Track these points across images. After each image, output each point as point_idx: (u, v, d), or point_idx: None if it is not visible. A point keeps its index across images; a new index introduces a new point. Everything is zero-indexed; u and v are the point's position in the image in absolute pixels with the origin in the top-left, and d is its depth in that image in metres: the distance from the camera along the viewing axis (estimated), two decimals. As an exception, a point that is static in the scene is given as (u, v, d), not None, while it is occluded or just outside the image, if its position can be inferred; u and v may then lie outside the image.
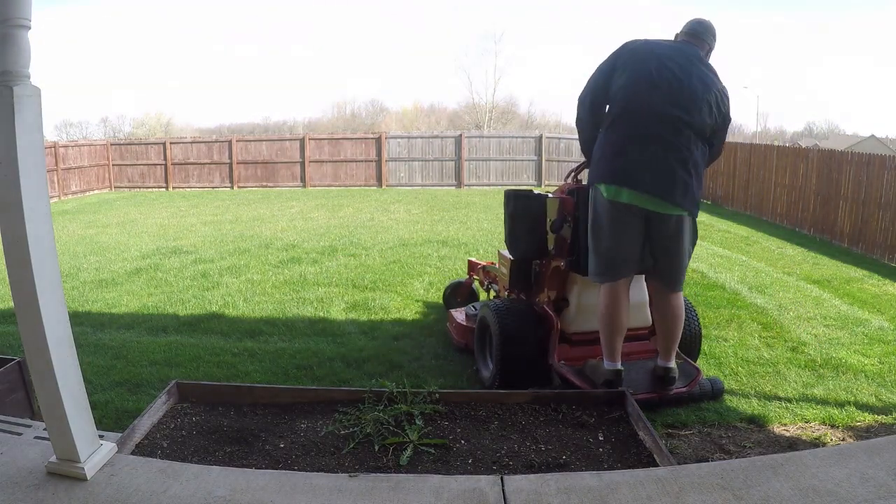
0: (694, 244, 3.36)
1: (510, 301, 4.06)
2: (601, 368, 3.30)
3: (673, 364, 3.42)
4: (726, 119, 3.28)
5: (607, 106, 3.29)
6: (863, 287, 6.96)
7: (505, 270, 4.33)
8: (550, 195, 3.94)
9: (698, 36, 3.33)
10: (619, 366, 3.27)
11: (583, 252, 3.46)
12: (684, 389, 3.48)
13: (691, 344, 3.99)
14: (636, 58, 3.17)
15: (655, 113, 3.08)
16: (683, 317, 3.40)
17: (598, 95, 3.31)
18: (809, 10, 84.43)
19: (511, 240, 4.00)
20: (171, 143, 19.30)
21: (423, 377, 4.07)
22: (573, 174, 3.97)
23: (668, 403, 3.56)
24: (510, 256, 4.11)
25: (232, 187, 18.77)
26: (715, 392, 3.74)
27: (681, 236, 3.23)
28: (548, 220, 3.84)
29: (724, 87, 3.24)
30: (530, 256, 3.98)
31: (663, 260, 3.28)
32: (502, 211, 4.16)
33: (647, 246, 3.25)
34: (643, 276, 3.54)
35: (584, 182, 3.67)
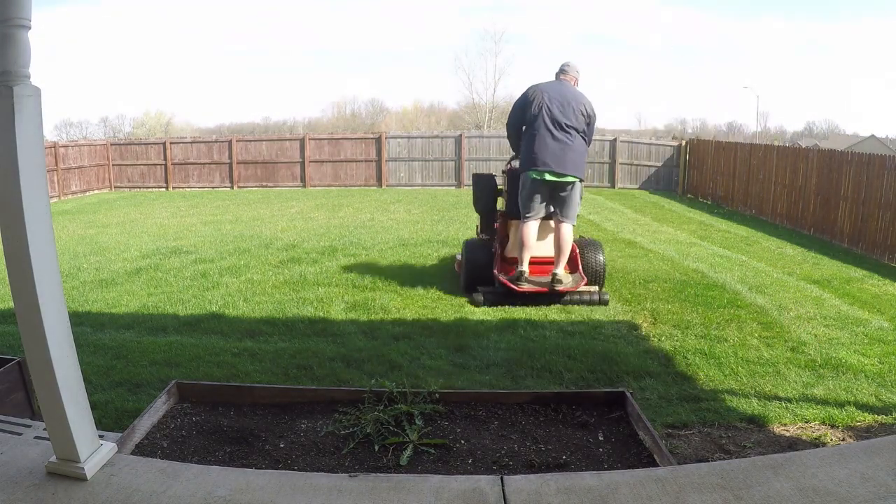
0: (581, 197, 5.70)
1: (477, 239, 6.55)
2: (516, 270, 5.61)
3: (560, 271, 5.61)
4: (592, 117, 5.51)
5: (524, 126, 5.57)
6: (863, 287, 6.96)
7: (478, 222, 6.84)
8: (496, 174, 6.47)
9: (566, 72, 5.64)
10: (525, 269, 5.56)
11: (511, 206, 5.90)
12: (570, 289, 5.61)
13: (596, 272, 6.01)
14: (535, 96, 5.44)
15: (551, 123, 5.35)
16: (570, 241, 5.65)
17: (516, 124, 5.70)
18: (809, 14, 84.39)
19: (475, 202, 6.56)
20: (171, 143, 19.29)
21: (423, 377, 4.07)
22: (509, 162, 6.20)
23: (555, 297, 5.68)
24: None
25: (232, 187, 18.77)
26: (601, 301, 5.73)
27: (573, 192, 5.55)
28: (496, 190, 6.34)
29: (588, 100, 5.49)
30: (486, 211, 6.45)
31: (562, 205, 5.58)
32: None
33: (551, 200, 5.57)
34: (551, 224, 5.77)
35: (515, 165, 5.96)
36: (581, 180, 5.51)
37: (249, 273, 7.31)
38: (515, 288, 5.55)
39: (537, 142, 5.35)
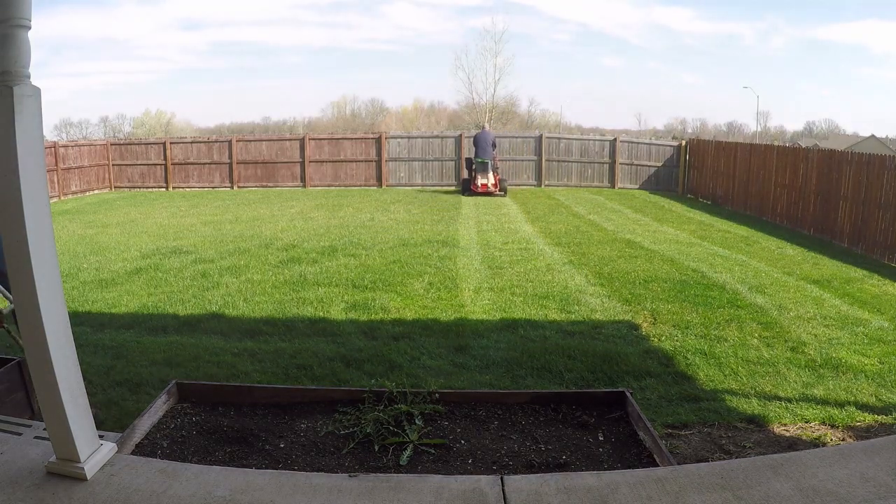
0: (495, 167, 16.34)
1: (468, 177, 16.56)
2: (476, 185, 16.15)
3: (490, 187, 16.08)
4: (495, 142, 16.18)
5: (475, 149, 16.17)
6: (863, 287, 6.96)
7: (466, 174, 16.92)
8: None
9: (484, 128, 18.23)
10: (479, 185, 16.04)
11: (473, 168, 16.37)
12: (491, 192, 16.00)
13: (504, 189, 16.32)
14: (477, 136, 16.22)
15: (482, 144, 15.90)
16: (492, 178, 16.07)
17: (474, 148, 16.26)
18: (809, 15, 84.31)
19: (466, 166, 17.02)
20: (171, 143, 19.28)
21: (423, 377, 4.08)
22: (473, 158, 16.37)
23: (487, 194, 15.91)
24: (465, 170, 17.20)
25: (232, 187, 18.77)
26: (503, 195, 16.15)
27: (488, 165, 16.03)
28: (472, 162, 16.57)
29: (493, 136, 16.29)
30: (468, 169, 16.61)
31: (484, 169, 16.09)
32: (501, 210, 12.71)
33: (481, 167, 16.10)
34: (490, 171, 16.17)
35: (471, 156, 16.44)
36: (490, 161, 15.74)
37: (249, 273, 7.31)
38: (476, 191, 15.74)
39: (479, 149, 15.74)
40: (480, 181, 15.99)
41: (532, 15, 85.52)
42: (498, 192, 16.05)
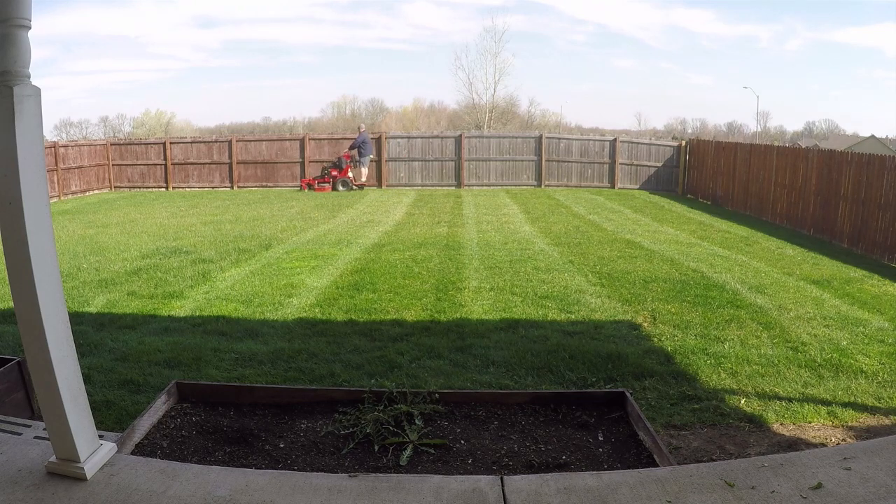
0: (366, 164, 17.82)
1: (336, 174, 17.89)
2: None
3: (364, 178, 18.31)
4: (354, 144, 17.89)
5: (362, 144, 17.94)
6: (863, 287, 6.96)
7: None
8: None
9: (360, 129, 18.82)
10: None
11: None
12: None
13: (362, 185, 18.25)
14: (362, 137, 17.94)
15: (367, 146, 17.68)
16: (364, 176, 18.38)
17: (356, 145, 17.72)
18: (810, 16, 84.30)
19: (338, 164, 18.19)
20: (171, 143, 19.28)
21: (423, 377, 4.08)
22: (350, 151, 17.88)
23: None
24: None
25: (232, 187, 18.76)
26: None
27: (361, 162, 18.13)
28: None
29: (369, 139, 18.09)
30: (355, 165, 18.28)
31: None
32: (501, 210, 7.96)
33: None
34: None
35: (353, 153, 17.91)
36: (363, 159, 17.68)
37: (250, 273, 7.31)
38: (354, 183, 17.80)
39: (365, 149, 17.49)
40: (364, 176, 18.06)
41: (552, 15, 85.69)
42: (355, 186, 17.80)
